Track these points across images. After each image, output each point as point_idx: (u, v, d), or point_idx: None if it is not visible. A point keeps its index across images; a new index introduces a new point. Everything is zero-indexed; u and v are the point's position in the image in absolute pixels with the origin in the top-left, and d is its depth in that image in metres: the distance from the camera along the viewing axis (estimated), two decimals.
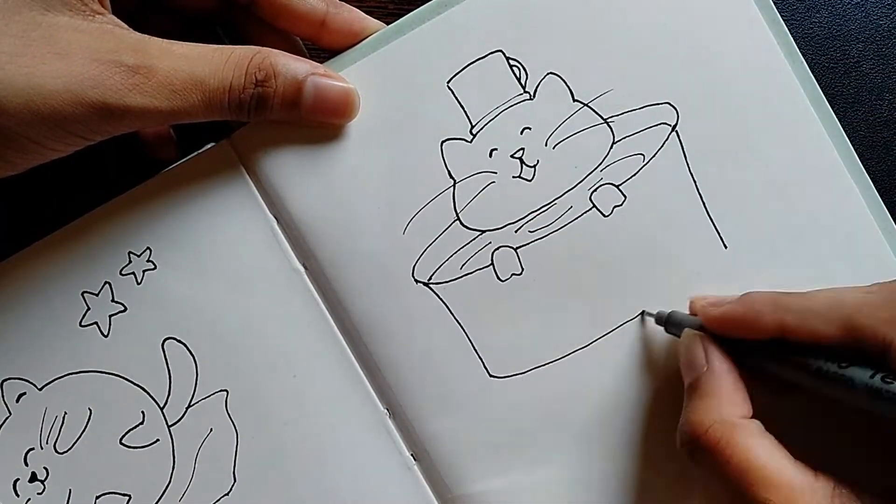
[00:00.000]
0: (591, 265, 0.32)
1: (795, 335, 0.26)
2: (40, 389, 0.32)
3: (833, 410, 0.27)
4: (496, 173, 0.32)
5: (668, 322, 0.30)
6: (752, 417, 0.27)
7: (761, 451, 0.25)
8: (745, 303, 0.27)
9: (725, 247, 0.31)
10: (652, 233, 0.32)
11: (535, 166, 0.32)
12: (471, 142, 0.32)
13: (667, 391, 0.31)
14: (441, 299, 0.32)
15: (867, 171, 0.32)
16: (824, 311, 0.25)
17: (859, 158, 0.32)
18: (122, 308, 0.32)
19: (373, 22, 0.33)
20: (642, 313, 0.32)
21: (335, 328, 0.32)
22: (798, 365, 0.26)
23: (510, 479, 0.31)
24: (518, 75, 0.32)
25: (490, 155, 0.32)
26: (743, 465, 0.25)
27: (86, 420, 0.32)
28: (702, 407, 0.27)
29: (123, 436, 0.32)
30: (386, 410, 0.32)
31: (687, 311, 0.31)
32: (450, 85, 0.32)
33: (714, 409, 0.26)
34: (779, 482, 0.25)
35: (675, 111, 0.32)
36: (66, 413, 0.32)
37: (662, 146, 0.32)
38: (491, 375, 0.32)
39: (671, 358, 0.31)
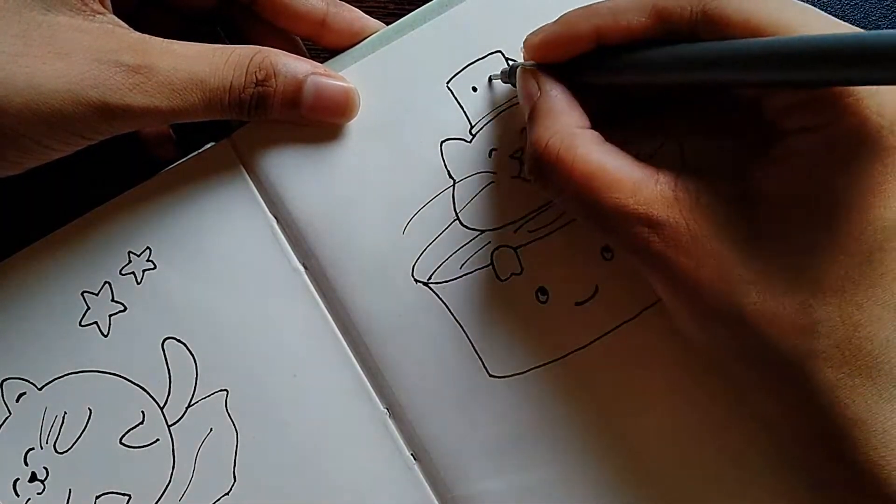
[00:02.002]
0: (591, 265, 0.32)
1: (612, 37, 0.26)
2: (40, 389, 0.32)
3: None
4: (496, 173, 0.32)
5: (510, 74, 0.31)
6: (589, 128, 0.27)
7: (602, 155, 0.26)
8: (561, 21, 0.28)
9: None
10: None
11: None
12: (470, 142, 0.32)
13: (668, 391, 0.31)
14: (441, 299, 0.32)
15: None
16: (632, 4, 0.26)
17: None
18: (122, 308, 0.32)
19: (373, 22, 0.33)
20: (489, 78, 0.32)
21: (335, 328, 0.32)
22: (618, 64, 0.26)
23: (510, 480, 0.31)
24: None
25: (489, 155, 0.32)
26: (585, 169, 0.25)
27: (86, 420, 0.32)
28: (539, 126, 0.27)
29: (123, 435, 0.32)
30: (386, 410, 0.32)
31: None
32: (449, 85, 0.32)
33: (551, 124, 0.27)
34: (624, 179, 0.25)
35: None
36: (65, 413, 0.32)
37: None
38: (491, 375, 0.32)
39: (672, 358, 0.31)
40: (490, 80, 0.32)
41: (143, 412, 0.32)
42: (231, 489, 0.32)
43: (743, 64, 0.23)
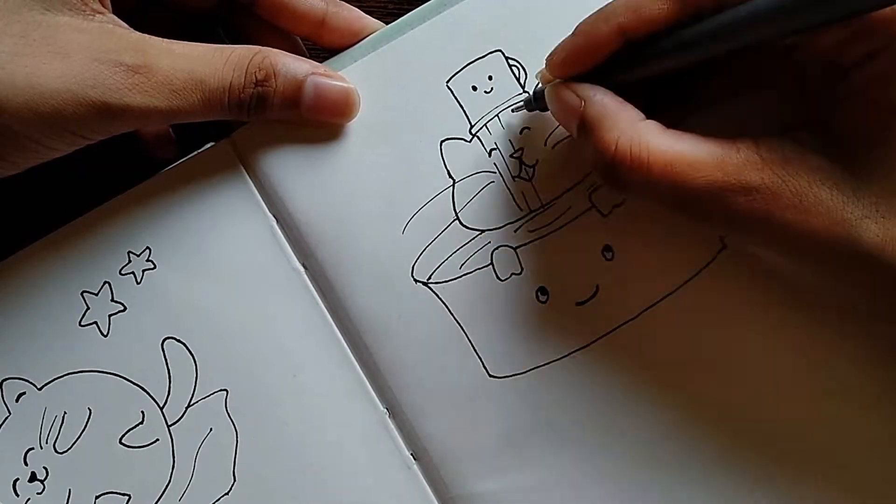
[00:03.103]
0: (591, 265, 0.32)
1: (637, 32, 0.26)
2: (40, 389, 0.32)
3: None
4: (495, 173, 0.32)
5: (536, 99, 0.30)
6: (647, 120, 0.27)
7: (674, 142, 0.25)
8: (580, 32, 0.27)
9: (725, 246, 0.31)
10: (651, 232, 0.32)
11: (534, 166, 0.32)
12: (470, 141, 0.32)
13: (668, 391, 0.31)
14: (440, 299, 0.32)
15: None
16: None
17: None
18: (122, 308, 0.32)
19: (372, 21, 0.33)
20: (511, 109, 0.32)
21: (335, 328, 0.32)
22: (654, 53, 0.26)
23: (509, 479, 0.31)
24: (517, 75, 0.32)
25: (489, 154, 0.32)
26: (664, 159, 0.25)
27: (85, 420, 0.32)
28: (600, 131, 0.26)
29: (123, 435, 0.32)
30: (386, 410, 0.32)
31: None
32: (449, 84, 0.32)
33: (611, 126, 0.26)
34: (705, 157, 0.25)
35: None
36: (65, 413, 0.32)
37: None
38: (490, 375, 0.32)
39: (672, 358, 0.31)
40: (512, 111, 0.32)
41: (142, 412, 0.32)
42: (231, 489, 0.32)
43: (787, 14, 0.22)
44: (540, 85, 0.30)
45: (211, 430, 0.32)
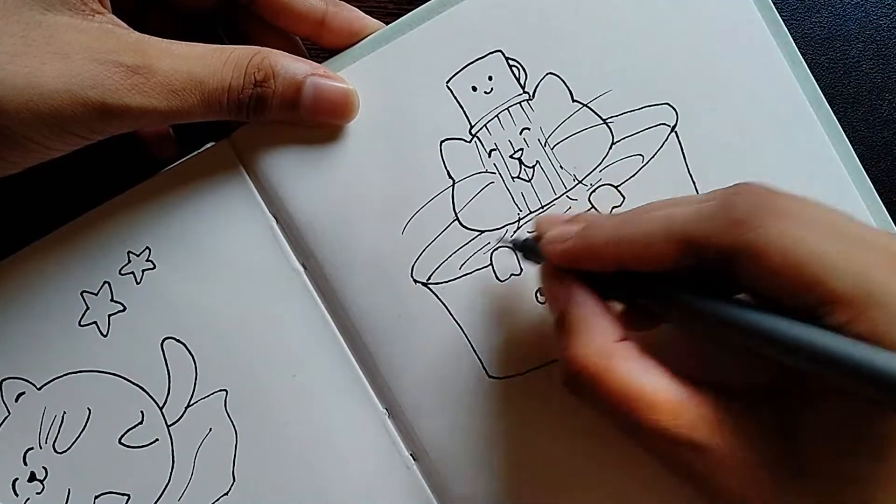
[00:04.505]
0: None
1: (637, 266, 0.25)
2: (39, 389, 0.32)
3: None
4: (495, 173, 0.32)
5: (525, 249, 0.30)
6: (624, 340, 0.26)
7: (640, 374, 0.25)
8: (583, 238, 0.26)
9: None
10: None
11: (534, 167, 0.32)
12: (470, 142, 0.32)
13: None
14: (440, 299, 0.32)
15: (867, 172, 0.32)
16: (660, 233, 0.24)
17: (859, 158, 0.32)
18: (122, 308, 0.32)
19: (372, 21, 0.33)
20: (498, 241, 0.31)
21: (334, 328, 0.32)
22: (646, 295, 0.26)
23: (508, 480, 0.31)
24: (517, 75, 0.32)
25: (489, 155, 0.32)
26: (622, 391, 0.25)
27: (85, 420, 0.32)
28: (573, 341, 0.26)
29: (122, 435, 0.32)
30: (385, 410, 0.32)
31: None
32: (449, 85, 0.32)
33: (585, 341, 0.26)
34: (661, 402, 0.24)
35: (674, 112, 0.32)
36: (65, 413, 0.32)
37: (662, 147, 0.32)
38: (490, 376, 0.32)
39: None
40: (498, 244, 0.31)
41: (142, 412, 0.32)
42: (230, 489, 0.32)
43: (781, 346, 0.22)
44: (526, 240, 0.30)
45: (210, 430, 0.32)
